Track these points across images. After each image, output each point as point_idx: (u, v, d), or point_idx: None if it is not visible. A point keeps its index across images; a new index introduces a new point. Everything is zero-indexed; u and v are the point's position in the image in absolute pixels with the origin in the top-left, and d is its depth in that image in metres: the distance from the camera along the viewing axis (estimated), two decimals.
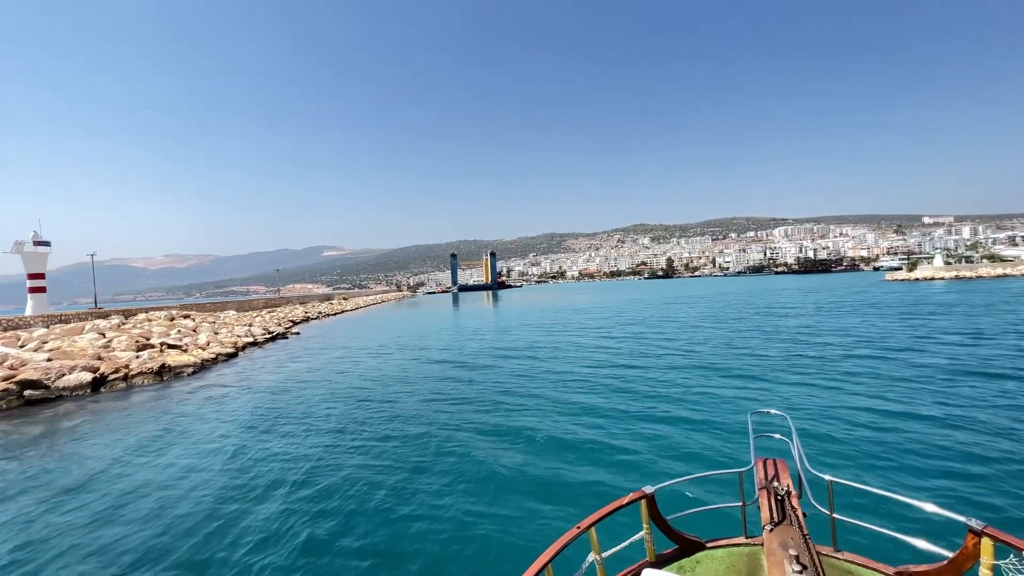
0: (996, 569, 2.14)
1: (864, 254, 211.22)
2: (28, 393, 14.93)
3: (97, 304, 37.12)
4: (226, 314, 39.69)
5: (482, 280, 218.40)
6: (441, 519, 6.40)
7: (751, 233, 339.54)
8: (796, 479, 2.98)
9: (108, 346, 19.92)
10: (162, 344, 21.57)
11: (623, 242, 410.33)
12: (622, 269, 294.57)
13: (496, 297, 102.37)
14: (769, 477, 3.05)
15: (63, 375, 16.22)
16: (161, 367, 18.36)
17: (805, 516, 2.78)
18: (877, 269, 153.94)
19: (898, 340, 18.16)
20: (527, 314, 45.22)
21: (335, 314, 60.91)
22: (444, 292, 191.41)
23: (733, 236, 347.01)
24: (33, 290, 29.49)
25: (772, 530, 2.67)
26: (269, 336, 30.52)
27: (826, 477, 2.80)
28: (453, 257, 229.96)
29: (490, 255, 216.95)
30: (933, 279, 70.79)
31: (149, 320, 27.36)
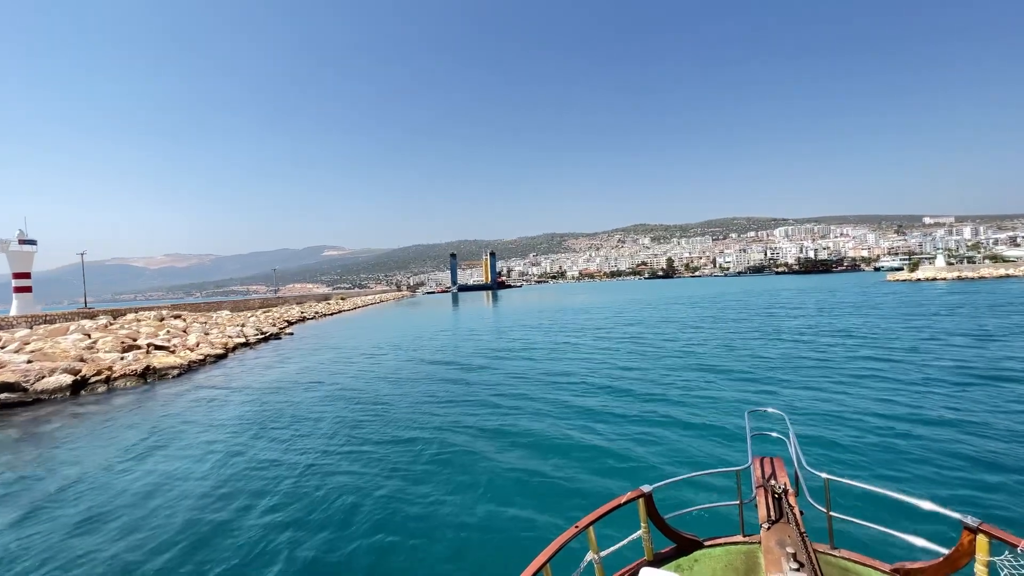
0: (991, 565, 2.15)
1: (865, 254, 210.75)
2: (4, 396, 14.42)
3: (87, 304, 36.63)
4: (219, 314, 39.18)
5: (482, 280, 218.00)
6: (431, 537, 5.94)
7: (751, 233, 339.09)
8: (793, 477, 3.00)
9: (92, 347, 19.43)
10: (149, 345, 21.07)
11: (623, 242, 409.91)
12: (622, 269, 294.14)
13: (496, 297, 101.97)
14: (766, 476, 3.04)
15: (43, 377, 15.72)
16: (146, 369, 17.85)
17: (802, 514, 2.77)
18: (878, 269, 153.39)
19: (904, 341, 17.66)
20: (525, 315, 44.75)
21: (332, 314, 60.42)
22: (444, 292, 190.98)
23: (733, 236, 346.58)
24: (18, 290, 28.93)
25: (769, 528, 2.67)
26: (262, 337, 30.02)
27: (823, 475, 2.79)
28: (453, 257, 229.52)
29: (490, 255, 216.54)
30: (935, 279, 70.25)
31: (138, 320, 26.86)
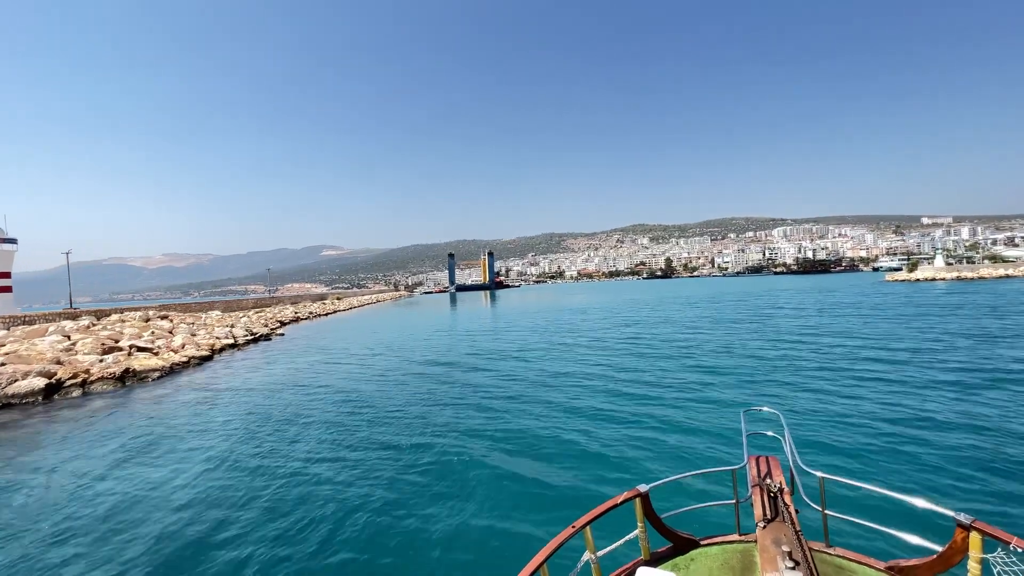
0: (984, 563, 2.18)
1: (863, 254, 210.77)
2: None
3: (73, 304, 35.95)
4: (209, 315, 38.56)
5: (480, 280, 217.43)
6: (418, 551, 5.48)
7: (750, 233, 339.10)
8: (788, 476, 3.01)
9: (71, 349, 18.82)
10: (131, 347, 20.48)
11: (622, 242, 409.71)
12: (621, 269, 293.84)
13: (493, 297, 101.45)
14: (762, 474, 3.04)
15: (15, 381, 15.13)
16: (125, 371, 17.26)
17: (798, 513, 2.78)
18: (876, 270, 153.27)
19: (906, 342, 17.18)
20: (522, 315, 44.24)
21: (326, 314, 59.82)
22: (441, 292, 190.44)
23: (732, 236, 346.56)
24: None
25: (765, 527, 2.67)
26: (251, 338, 29.42)
27: (818, 474, 2.80)
28: (451, 257, 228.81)
29: (488, 255, 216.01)
30: (934, 280, 69.92)
31: (122, 321, 26.23)
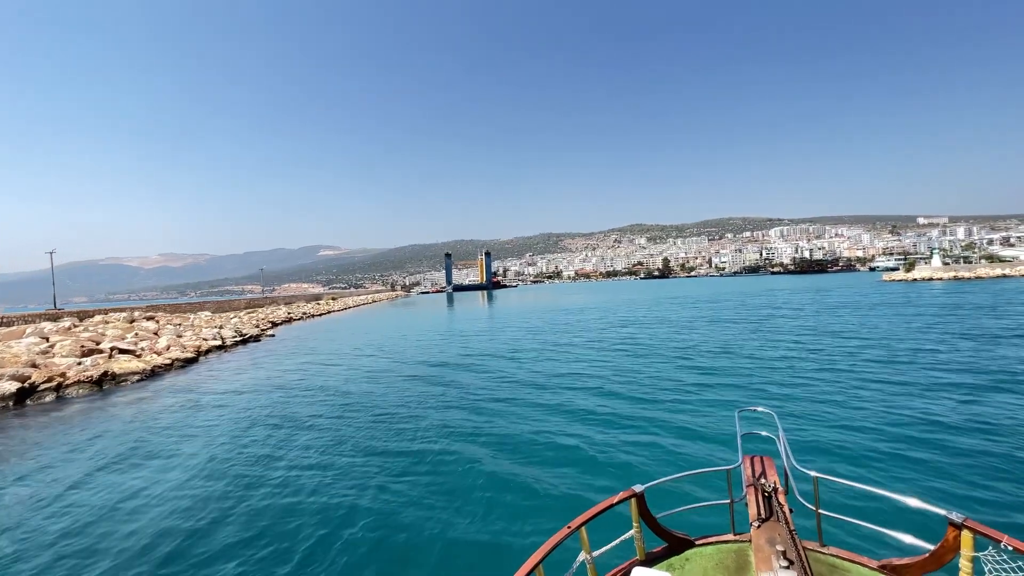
0: (975, 560, 2.20)
1: (860, 254, 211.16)
2: None
3: (57, 305, 35.30)
4: (198, 315, 37.91)
5: (477, 280, 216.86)
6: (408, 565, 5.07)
7: (747, 233, 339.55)
8: (783, 476, 3.00)
9: (48, 352, 18.24)
10: (112, 349, 19.90)
11: (619, 242, 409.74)
12: (618, 269, 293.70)
13: (490, 297, 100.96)
14: (756, 474, 3.05)
15: None
16: (103, 375, 16.70)
17: (792, 512, 2.80)
18: (873, 269, 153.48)
19: (908, 343, 16.78)
20: (518, 315, 43.76)
21: (320, 315, 59.21)
22: (438, 292, 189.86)
23: (729, 236, 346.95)
24: None
25: (759, 526, 2.69)
26: (240, 339, 28.84)
27: (811, 473, 2.83)
28: (447, 257, 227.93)
29: (485, 255, 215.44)
30: (931, 279, 69.78)
31: (105, 322, 25.61)
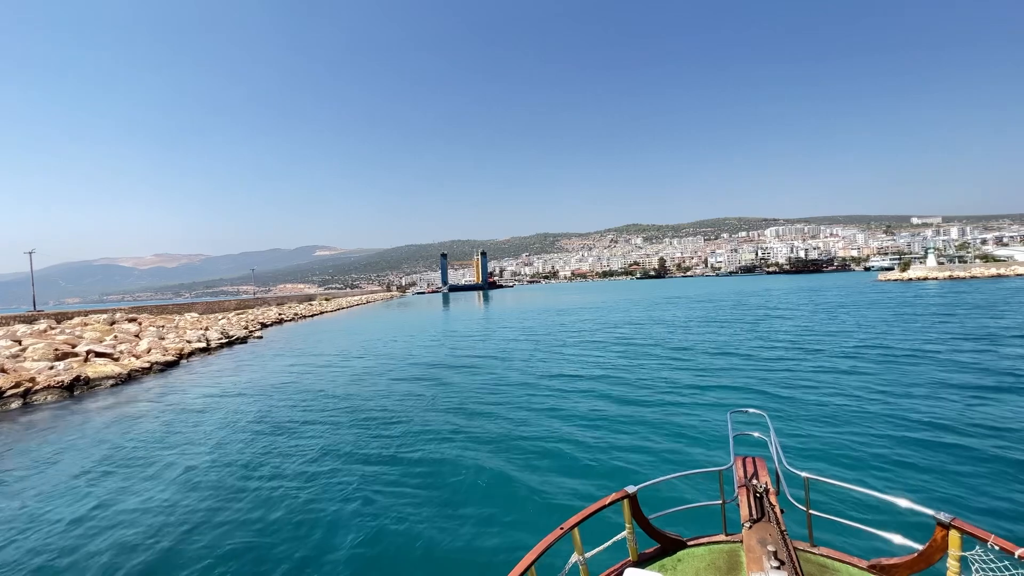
0: (963, 560, 2.23)
1: (855, 254, 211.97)
2: None
3: (36, 306, 34.46)
4: (184, 317, 37.09)
5: (473, 280, 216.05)
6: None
7: (743, 233, 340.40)
8: (774, 477, 3.01)
9: (20, 355, 17.53)
10: (89, 352, 19.19)
11: (616, 242, 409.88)
12: (615, 269, 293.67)
13: (486, 298, 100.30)
14: (748, 475, 3.05)
15: None
16: (75, 380, 16.02)
17: (783, 513, 2.80)
18: (868, 269, 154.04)
19: (908, 344, 16.35)
20: (513, 316, 43.21)
21: (312, 316, 58.41)
22: (434, 292, 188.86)
23: (725, 236, 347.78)
24: None
25: (751, 527, 2.69)
26: (225, 341, 28.13)
27: (802, 474, 2.82)
28: (443, 257, 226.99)
29: (480, 255, 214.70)
30: (927, 279, 69.73)
31: (84, 324, 24.87)
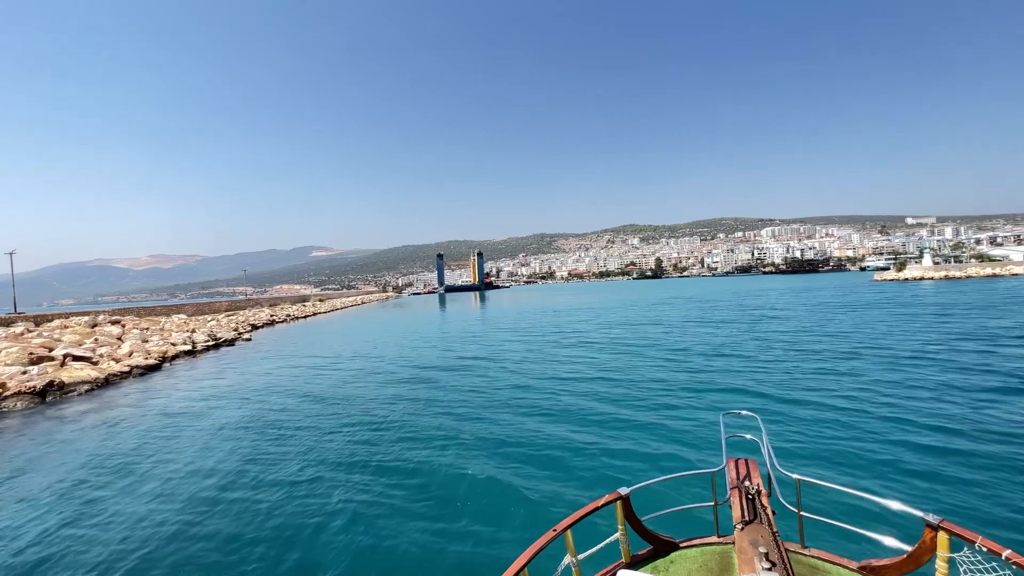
0: (951, 561, 2.27)
1: (850, 254, 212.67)
2: None
3: (16, 309, 33.70)
4: (172, 319, 36.38)
5: (470, 281, 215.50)
6: None
7: (739, 234, 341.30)
8: (766, 478, 3.02)
9: None
10: (66, 356, 18.58)
11: (612, 242, 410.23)
12: (611, 269, 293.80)
13: (482, 298, 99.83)
14: (740, 477, 3.07)
15: None
16: (48, 385, 15.42)
17: (775, 514, 2.81)
18: (864, 269, 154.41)
19: (908, 344, 15.98)
20: (509, 317, 42.76)
21: (305, 317, 57.74)
22: (430, 293, 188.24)
23: (721, 236, 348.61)
24: None
25: (743, 529, 2.71)
26: (212, 344, 27.52)
27: (794, 476, 2.85)
28: (439, 257, 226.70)
29: (477, 255, 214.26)
30: (922, 279, 69.74)
31: (64, 327, 24.21)
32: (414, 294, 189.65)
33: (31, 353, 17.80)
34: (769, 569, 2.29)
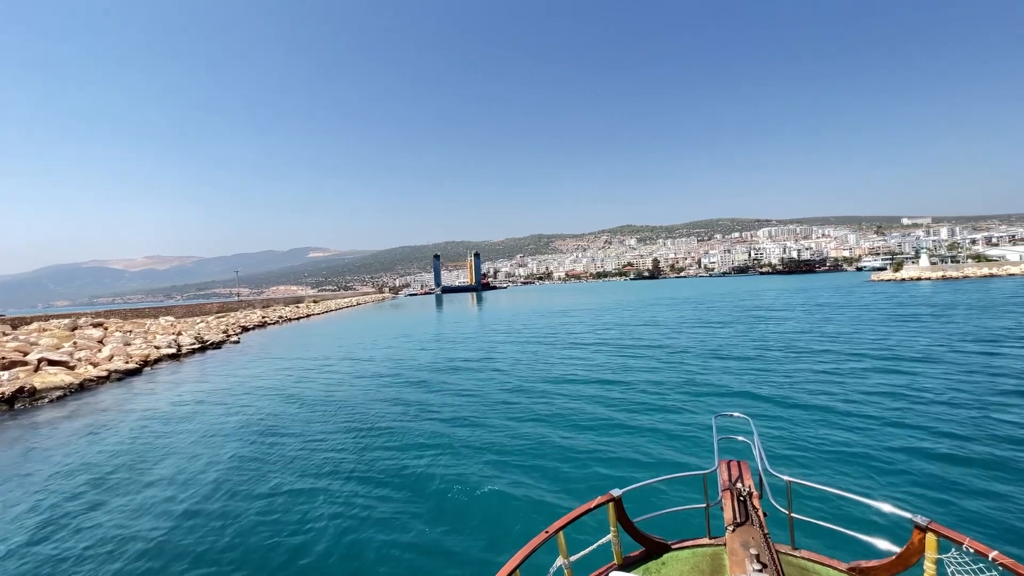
0: (939, 562, 2.31)
1: (846, 254, 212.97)
2: None
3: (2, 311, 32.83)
4: (158, 321, 35.60)
5: (467, 281, 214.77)
6: None
7: (736, 234, 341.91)
8: (757, 480, 3.04)
9: None
10: (41, 360, 17.90)
11: (610, 243, 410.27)
12: (608, 270, 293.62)
13: (479, 299, 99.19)
14: (732, 479, 3.08)
15: None
16: (18, 391, 14.76)
17: (766, 516, 2.82)
18: (860, 269, 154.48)
19: (910, 345, 15.52)
20: (505, 318, 42.19)
21: (298, 319, 57.00)
22: (427, 294, 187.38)
23: (718, 237, 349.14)
24: None
25: (734, 530, 2.72)
26: (199, 346, 26.83)
27: (785, 478, 2.87)
28: (436, 258, 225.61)
29: (474, 256, 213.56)
30: (920, 279, 69.52)
31: (42, 331, 23.47)
32: (411, 295, 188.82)
33: (3, 358, 17.12)
34: (760, 571, 2.31)
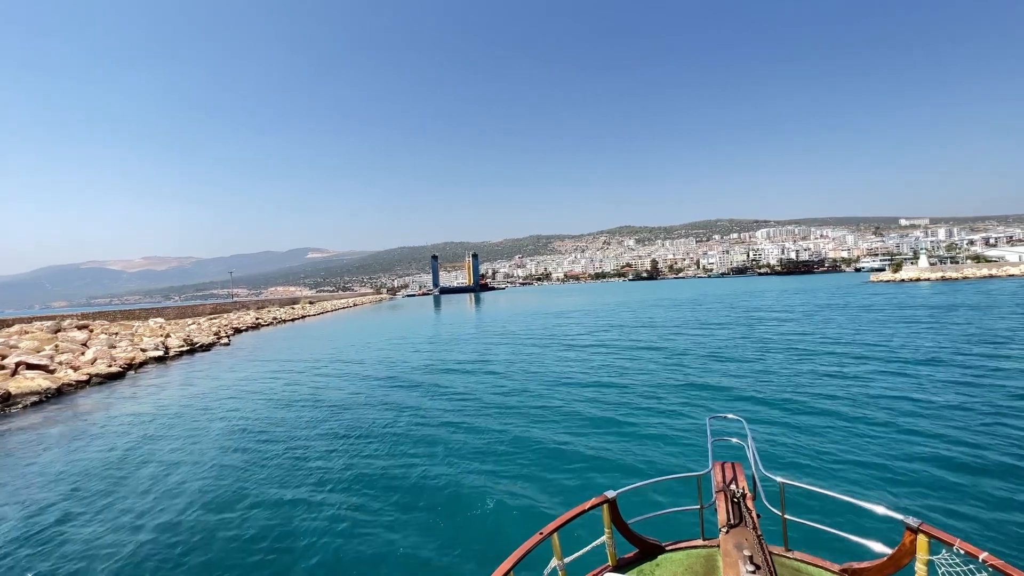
0: (930, 564, 2.33)
1: (845, 255, 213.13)
2: None
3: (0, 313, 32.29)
4: (147, 323, 35.02)
5: (466, 282, 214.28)
6: None
7: (734, 235, 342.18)
8: (751, 482, 3.05)
9: None
10: (19, 364, 17.37)
11: (608, 244, 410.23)
12: (607, 271, 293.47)
13: (477, 300, 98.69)
14: (726, 480, 3.09)
15: None
16: None
17: (759, 517, 2.83)
18: (859, 270, 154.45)
19: (911, 346, 15.10)
20: (502, 319, 41.70)
21: (292, 320, 56.46)
22: (424, 295, 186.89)
23: (717, 238, 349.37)
24: None
25: (728, 532, 2.73)
26: (187, 349, 26.31)
27: (778, 479, 2.87)
28: (434, 259, 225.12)
29: (472, 257, 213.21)
30: (919, 280, 69.24)
31: (24, 333, 22.91)
32: (409, 296, 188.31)
33: None
34: (753, 572, 2.32)
